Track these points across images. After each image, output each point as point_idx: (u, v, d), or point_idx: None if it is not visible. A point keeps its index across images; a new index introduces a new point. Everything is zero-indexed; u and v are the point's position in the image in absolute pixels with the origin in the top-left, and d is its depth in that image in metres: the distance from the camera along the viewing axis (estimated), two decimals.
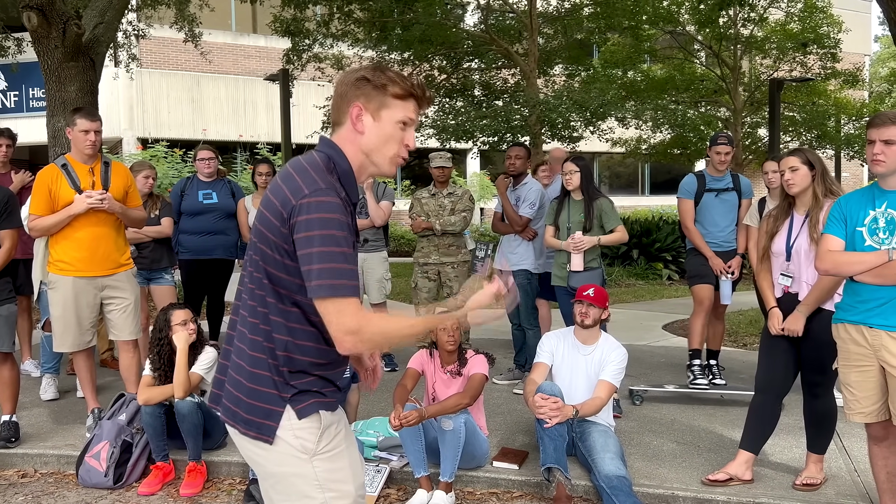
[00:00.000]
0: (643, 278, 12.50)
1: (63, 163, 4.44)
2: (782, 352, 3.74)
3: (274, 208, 1.84)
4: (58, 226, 4.34)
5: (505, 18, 14.14)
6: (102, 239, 4.42)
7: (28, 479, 4.21)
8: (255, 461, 1.95)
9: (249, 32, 20.75)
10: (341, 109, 1.92)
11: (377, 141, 1.91)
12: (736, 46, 16.29)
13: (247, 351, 1.90)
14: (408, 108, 1.92)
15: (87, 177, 4.43)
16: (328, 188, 1.81)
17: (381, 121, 1.90)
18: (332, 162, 1.90)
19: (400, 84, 1.90)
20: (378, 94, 1.89)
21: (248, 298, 1.91)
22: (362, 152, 1.92)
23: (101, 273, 4.44)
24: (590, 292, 4.10)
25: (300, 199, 1.79)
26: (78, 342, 4.49)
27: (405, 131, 1.93)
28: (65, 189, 4.35)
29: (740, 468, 3.79)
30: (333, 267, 1.76)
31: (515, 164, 5.75)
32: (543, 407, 3.74)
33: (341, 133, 1.93)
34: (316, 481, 1.89)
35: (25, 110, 18.51)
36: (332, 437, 1.93)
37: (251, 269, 1.90)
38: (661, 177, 26.99)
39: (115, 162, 4.67)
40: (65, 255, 4.38)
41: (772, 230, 3.78)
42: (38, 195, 4.34)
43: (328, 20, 12.87)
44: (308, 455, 1.89)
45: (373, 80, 1.89)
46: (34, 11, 7.19)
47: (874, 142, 3.09)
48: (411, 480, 3.91)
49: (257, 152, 18.13)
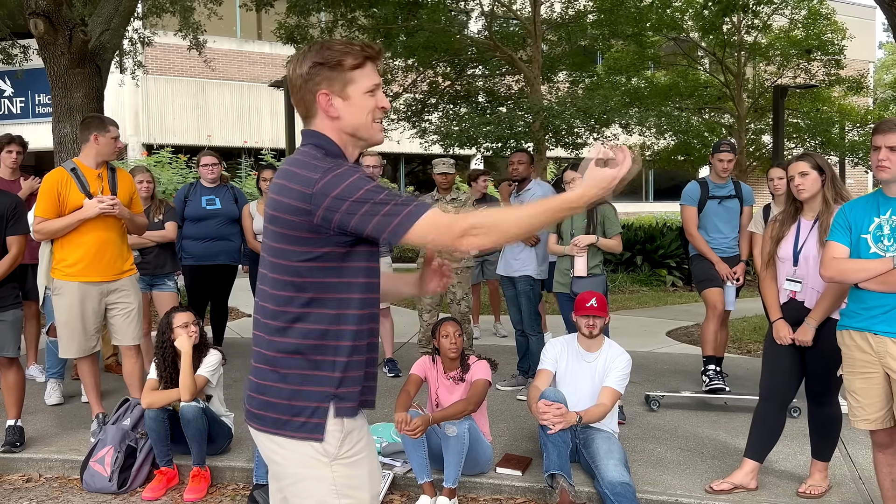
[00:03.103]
0: (647, 285, 12.48)
1: (72, 167, 4.44)
2: (786, 359, 3.73)
3: (289, 206, 1.81)
4: (65, 229, 4.33)
5: (509, 25, 14.19)
6: (108, 244, 4.44)
7: (33, 484, 4.22)
8: (273, 460, 1.92)
9: (254, 39, 20.85)
10: (307, 101, 1.90)
11: (355, 119, 1.90)
12: (740, 53, 16.32)
13: (281, 355, 1.87)
14: (370, 74, 1.90)
15: (96, 182, 4.44)
16: (335, 165, 1.82)
17: (351, 98, 1.89)
18: (322, 149, 1.89)
19: (352, 53, 1.88)
20: (337, 73, 1.87)
21: (271, 303, 1.89)
22: (345, 133, 1.92)
23: (105, 278, 4.46)
24: (593, 303, 4.09)
25: (315, 187, 1.78)
26: (83, 348, 4.50)
27: (375, 95, 1.91)
28: (74, 193, 4.36)
29: (745, 477, 3.77)
30: (390, 208, 1.76)
31: (519, 170, 5.76)
32: (547, 413, 3.74)
33: (317, 122, 1.92)
34: (333, 486, 1.87)
35: (31, 116, 18.61)
36: (355, 443, 1.91)
37: (273, 274, 1.88)
38: (664, 183, 26.99)
39: (119, 168, 4.70)
40: (70, 259, 4.39)
41: (777, 235, 3.77)
42: (45, 198, 4.32)
43: (332, 27, 12.92)
44: (329, 459, 1.86)
45: (326, 61, 1.87)
46: (41, 18, 7.23)
47: (879, 148, 3.09)
48: (414, 486, 3.91)
49: (261, 158, 18.19)
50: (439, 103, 14.30)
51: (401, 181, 22.82)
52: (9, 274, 4.33)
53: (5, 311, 4.34)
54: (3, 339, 4.34)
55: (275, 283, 1.87)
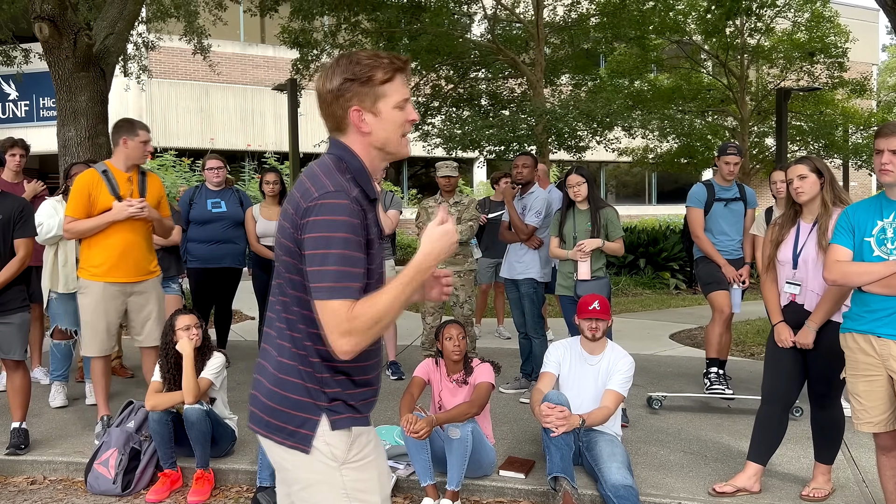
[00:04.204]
0: (650, 287, 12.47)
1: (104, 169, 4.54)
2: (788, 362, 3.73)
3: (289, 216, 1.85)
4: (94, 230, 4.43)
5: (512, 28, 14.20)
6: (133, 246, 4.53)
7: (37, 486, 4.23)
8: (282, 466, 1.93)
9: (258, 43, 20.89)
10: (338, 116, 1.90)
11: (385, 134, 1.90)
12: (743, 56, 16.32)
13: (277, 358, 1.90)
14: (399, 88, 1.89)
15: (126, 184, 4.54)
16: (338, 190, 1.80)
17: (381, 113, 1.88)
18: (344, 162, 1.90)
19: (381, 67, 1.87)
20: (368, 89, 1.86)
21: (281, 309, 1.91)
22: (374, 148, 1.93)
23: (129, 279, 4.55)
24: (595, 306, 4.10)
25: (309, 202, 1.80)
26: (104, 347, 4.59)
27: (404, 109, 1.92)
28: (104, 195, 4.44)
29: (749, 480, 3.77)
30: (333, 270, 1.75)
31: (523, 173, 5.77)
32: (550, 416, 3.74)
33: (347, 136, 1.92)
34: (343, 490, 1.87)
35: (36, 119, 18.67)
36: (363, 447, 1.91)
37: (278, 279, 1.91)
38: (668, 186, 26.99)
39: (150, 172, 4.79)
40: (96, 260, 4.48)
41: (777, 239, 3.78)
42: (77, 198, 4.41)
43: (336, 31, 12.95)
44: (338, 463, 1.87)
45: (357, 77, 1.85)
46: (46, 22, 7.27)
47: (882, 151, 3.09)
48: (418, 489, 3.91)
49: (265, 161, 18.23)
50: (442, 106, 14.32)
51: (404, 184, 22.84)
52: (16, 277, 4.36)
53: (13, 314, 4.36)
54: (10, 341, 4.35)
55: (289, 282, 1.88)
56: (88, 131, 7.74)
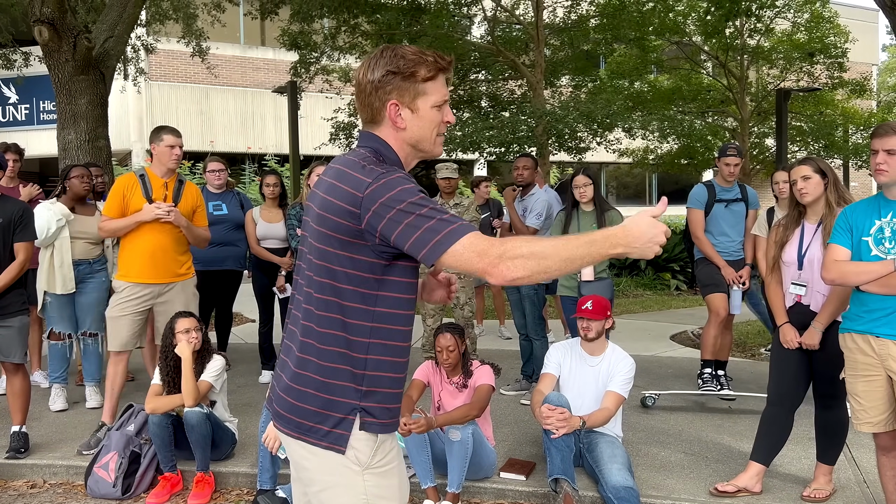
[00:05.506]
0: (651, 288, 12.47)
1: (142, 173, 4.71)
2: (794, 364, 3.72)
3: (338, 208, 1.78)
4: (124, 229, 4.60)
5: (511, 30, 14.20)
6: (162, 250, 4.66)
7: (37, 490, 4.23)
8: (301, 465, 1.89)
9: (258, 45, 20.92)
10: (375, 108, 1.86)
11: (420, 132, 1.87)
12: (743, 57, 16.32)
13: (315, 360, 1.84)
14: (440, 88, 1.86)
15: (160, 189, 4.69)
16: (389, 171, 1.77)
17: (419, 111, 1.85)
18: (380, 154, 1.86)
19: (426, 64, 1.83)
20: (409, 84, 1.83)
21: (315, 307, 1.84)
22: (408, 144, 1.89)
23: (157, 281, 4.68)
24: (588, 306, 4.09)
25: (366, 190, 1.74)
26: (123, 343, 4.70)
27: (442, 110, 1.89)
28: (137, 197, 4.61)
29: (750, 480, 3.77)
30: (436, 221, 1.69)
31: (523, 175, 5.77)
32: (550, 418, 3.74)
33: (381, 129, 1.88)
34: (364, 495, 1.85)
35: (36, 123, 18.70)
36: (386, 453, 1.88)
37: (318, 277, 1.83)
38: (668, 187, 26.96)
39: (188, 182, 4.87)
40: (127, 261, 4.65)
41: (781, 239, 3.77)
42: (113, 199, 4.62)
43: (335, 33, 12.96)
44: (361, 468, 1.84)
45: (400, 71, 1.82)
46: (45, 25, 7.28)
47: (877, 152, 3.10)
48: (418, 491, 3.91)
49: (265, 164, 18.24)
50: None
51: None
52: (16, 280, 4.36)
53: (12, 318, 4.36)
54: (10, 344, 4.36)
55: (317, 284, 1.83)
56: (88, 134, 7.74)
